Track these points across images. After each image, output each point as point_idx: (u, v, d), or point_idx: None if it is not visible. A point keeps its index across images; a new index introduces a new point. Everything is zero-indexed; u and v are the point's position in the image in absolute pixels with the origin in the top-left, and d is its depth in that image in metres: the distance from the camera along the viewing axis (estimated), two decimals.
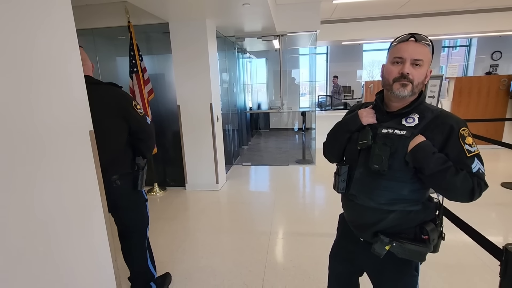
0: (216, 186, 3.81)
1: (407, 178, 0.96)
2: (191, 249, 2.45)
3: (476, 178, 0.90)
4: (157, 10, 2.99)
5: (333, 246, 1.30)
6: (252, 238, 2.59)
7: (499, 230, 2.66)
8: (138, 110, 1.60)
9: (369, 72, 9.90)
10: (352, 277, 1.27)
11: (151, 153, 1.73)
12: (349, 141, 1.09)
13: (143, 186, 1.69)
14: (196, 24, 3.37)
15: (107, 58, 3.83)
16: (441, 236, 1.02)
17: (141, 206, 1.73)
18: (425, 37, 0.96)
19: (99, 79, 3.78)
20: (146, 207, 1.75)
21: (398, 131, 0.96)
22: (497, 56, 8.65)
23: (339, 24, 6.27)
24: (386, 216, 1.00)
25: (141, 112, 1.61)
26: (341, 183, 1.09)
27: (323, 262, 1.38)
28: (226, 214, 3.09)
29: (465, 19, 6.00)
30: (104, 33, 3.74)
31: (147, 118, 1.65)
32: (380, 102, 1.05)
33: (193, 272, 2.14)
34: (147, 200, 1.77)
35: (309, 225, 2.79)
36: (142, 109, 1.63)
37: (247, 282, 2.00)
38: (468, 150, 0.91)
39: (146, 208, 1.75)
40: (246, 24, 3.93)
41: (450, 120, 0.94)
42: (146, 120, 1.64)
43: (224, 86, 4.81)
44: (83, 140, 1.22)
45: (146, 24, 3.53)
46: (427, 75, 0.97)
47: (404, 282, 1.06)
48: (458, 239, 2.26)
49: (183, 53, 3.47)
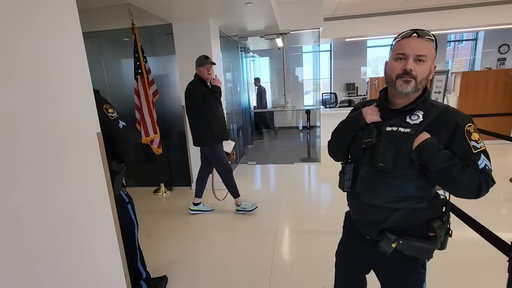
0: (222, 185, 3.82)
1: (413, 175, 0.96)
2: (198, 248, 2.47)
3: (483, 175, 0.90)
4: (160, 11, 3.01)
5: (340, 244, 1.30)
6: (259, 236, 2.60)
7: (508, 226, 2.62)
8: (109, 113, 1.57)
9: (373, 68, 9.81)
10: (359, 274, 1.27)
11: (129, 158, 1.66)
12: (354, 139, 1.09)
13: (119, 190, 1.65)
14: (199, 25, 3.39)
15: (112, 61, 3.87)
16: (448, 233, 1.02)
17: (121, 209, 1.70)
18: (428, 33, 0.95)
19: (105, 82, 3.85)
20: (128, 209, 1.74)
21: (402, 129, 0.96)
22: (504, 49, 8.49)
23: (342, 21, 6.22)
24: (392, 214, 1.00)
25: (112, 116, 1.58)
26: (347, 182, 1.09)
27: (329, 260, 1.39)
28: (232, 213, 3.11)
29: (471, 12, 5.90)
30: (109, 35, 3.78)
31: (120, 122, 1.61)
32: (384, 99, 1.05)
33: (201, 270, 2.16)
34: (129, 202, 1.75)
35: (315, 223, 2.79)
36: (114, 113, 1.59)
37: (254, 280, 2.02)
38: (474, 147, 0.90)
39: (128, 210, 1.74)
40: (249, 23, 3.93)
41: (456, 116, 0.93)
42: (117, 124, 1.60)
43: (228, 86, 4.82)
44: (91, 142, 1.24)
45: (150, 25, 3.56)
46: (431, 70, 0.96)
47: (411, 279, 1.06)
48: (466, 236, 2.24)
49: (187, 53, 3.48)
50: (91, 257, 1.21)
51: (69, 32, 1.13)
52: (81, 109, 1.18)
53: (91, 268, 1.21)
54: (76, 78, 1.16)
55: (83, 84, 1.21)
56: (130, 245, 1.76)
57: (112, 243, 1.36)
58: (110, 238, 1.35)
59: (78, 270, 1.13)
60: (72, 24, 1.15)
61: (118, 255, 1.40)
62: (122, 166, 1.65)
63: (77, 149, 1.15)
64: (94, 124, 1.26)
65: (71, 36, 1.14)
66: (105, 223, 1.31)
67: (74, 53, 1.15)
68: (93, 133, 1.25)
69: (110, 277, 1.34)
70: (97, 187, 1.27)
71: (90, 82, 1.25)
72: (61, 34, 1.09)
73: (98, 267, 1.25)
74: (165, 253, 2.42)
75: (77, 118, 1.15)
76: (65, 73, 1.10)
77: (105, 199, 1.31)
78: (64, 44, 1.09)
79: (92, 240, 1.22)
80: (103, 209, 1.30)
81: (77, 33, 1.17)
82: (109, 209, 1.33)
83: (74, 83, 1.15)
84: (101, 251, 1.28)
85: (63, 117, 1.07)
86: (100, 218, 1.28)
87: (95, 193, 1.25)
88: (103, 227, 1.30)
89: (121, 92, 3.89)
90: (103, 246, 1.30)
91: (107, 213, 1.32)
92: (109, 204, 1.33)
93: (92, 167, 1.24)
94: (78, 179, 1.14)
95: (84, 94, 1.20)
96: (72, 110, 1.12)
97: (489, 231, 1.30)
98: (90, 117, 1.24)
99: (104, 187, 1.31)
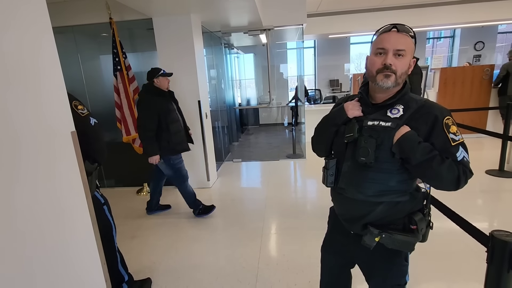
0: (207, 183, 3.78)
1: (394, 169, 0.97)
2: (183, 248, 2.43)
3: (462, 166, 0.92)
4: (139, 5, 2.91)
5: (325, 239, 1.30)
6: (245, 234, 2.59)
7: (485, 217, 2.73)
8: (79, 110, 1.51)
9: (356, 65, 9.96)
10: (344, 269, 1.28)
11: (102, 157, 1.60)
12: (336, 134, 1.09)
13: (93, 191, 1.58)
14: (181, 19, 3.30)
15: (90, 57, 3.72)
16: (429, 225, 1.04)
17: (97, 211, 1.67)
18: (407, 28, 0.96)
19: (82, 78, 3.70)
20: (104, 211, 1.69)
21: (383, 123, 0.97)
22: (479, 46, 8.83)
23: (326, 17, 6.28)
24: (374, 208, 1.01)
25: (82, 113, 1.51)
26: (330, 177, 1.08)
27: (315, 255, 1.39)
28: (218, 211, 3.08)
29: (448, 10, 6.09)
30: (86, 30, 3.62)
31: (91, 119, 1.55)
32: (365, 94, 1.05)
33: (186, 271, 2.13)
34: (104, 203, 1.69)
35: (301, 219, 2.80)
36: (84, 110, 1.53)
37: (241, 279, 2.00)
38: (452, 139, 0.92)
39: (105, 212, 1.69)
40: (232, 18, 3.87)
41: (434, 109, 0.94)
42: (88, 121, 1.54)
43: (212, 83, 4.76)
44: (64, 141, 1.18)
45: (129, 20, 3.44)
46: (410, 65, 0.97)
47: (394, 271, 1.08)
48: (446, 227, 2.30)
49: (169, 49, 3.40)
50: (70, 262, 1.16)
51: (36, 25, 1.06)
52: (52, 108, 1.11)
53: (71, 273, 1.15)
54: (46, 74, 1.09)
55: (54, 81, 1.14)
56: (109, 248, 1.70)
57: (91, 246, 1.30)
58: (89, 242, 1.29)
59: (55, 276, 1.08)
60: (39, 17, 1.08)
61: (98, 259, 1.34)
62: (95, 166, 1.58)
63: (49, 150, 1.08)
64: (67, 123, 1.20)
65: (38, 30, 1.07)
66: (82, 226, 1.25)
67: (41, 48, 1.08)
68: (67, 132, 1.19)
69: (90, 282, 1.29)
70: (73, 189, 1.21)
71: (62, 79, 1.18)
72: (27, 27, 1.02)
73: (77, 272, 1.20)
74: (149, 254, 2.37)
75: (48, 117, 1.08)
76: (32, 70, 1.03)
77: (82, 201, 1.26)
78: (29, 38, 1.02)
79: (69, 244, 1.16)
80: (80, 212, 1.24)
81: (45, 27, 1.10)
82: (87, 212, 1.28)
83: (43, 80, 1.08)
84: (80, 256, 1.23)
85: (32, 117, 1.01)
86: (77, 221, 1.22)
87: (71, 195, 1.19)
88: (81, 230, 1.24)
89: (100, 89, 3.75)
90: (81, 250, 1.24)
91: (84, 216, 1.27)
92: (87, 206, 1.28)
93: (67, 168, 1.18)
94: (51, 182, 1.08)
95: (54, 91, 1.14)
96: (41, 109, 1.05)
97: (468, 222, 1.34)
98: (63, 116, 1.17)
99: (81, 188, 1.25)
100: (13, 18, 0.96)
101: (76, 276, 1.20)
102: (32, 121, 1.02)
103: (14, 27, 0.97)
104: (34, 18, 1.06)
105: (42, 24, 1.09)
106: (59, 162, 1.14)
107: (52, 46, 1.13)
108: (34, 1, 1.06)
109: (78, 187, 1.24)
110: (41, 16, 1.09)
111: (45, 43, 1.11)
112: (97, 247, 1.33)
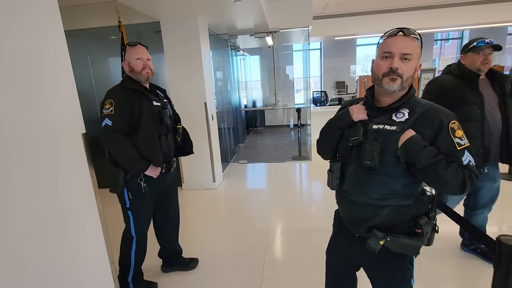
0: (213, 185, 3.81)
1: (399, 173, 0.97)
2: (189, 249, 2.45)
3: (467, 170, 0.91)
4: (147, 9, 2.96)
5: (330, 241, 1.30)
6: (250, 235, 2.60)
7: (494, 221, 2.68)
8: (104, 109, 1.51)
9: (363, 66, 9.89)
10: (349, 272, 1.28)
11: (118, 158, 1.57)
12: (341, 137, 1.09)
13: (117, 190, 1.62)
14: (188, 22, 3.35)
15: (99, 59, 3.79)
16: (435, 229, 1.03)
17: (122, 209, 1.73)
18: (413, 31, 0.96)
19: (91, 80, 3.76)
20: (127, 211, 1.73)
21: (388, 127, 0.97)
22: None
23: (332, 20, 6.26)
24: (379, 211, 1.01)
25: (103, 112, 1.51)
26: (335, 180, 1.09)
27: (321, 258, 1.39)
28: (223, 212, 3.09)
29: (457, 12, 6.02)
30: (95, 33, 3.69)
31: (105, 120, 1.50)
32: (370, 98, 1.06)
33: (192, 272, 2.14)
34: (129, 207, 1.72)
35: (306, 221, 2.80)
36: (108, 109, 1.50)
37: (246, 280, 2.01)
38: (458, 143, 0.92)
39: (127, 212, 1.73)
40: (238, 21, 3.90)
41: (440, 114, 0.95)
42: (101, 121, 1.52)
43: (218, 84, 4.79)
44: (76, 143, 1.21)
45: (137, 23, 3.49)
46: (416, 69, 0.97)
47: (399, 275, 1.07)
48: (452, 231, 2.29)
49: (176, 52, 3.44)
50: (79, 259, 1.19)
51: (50, 29, 1.10)
52: (63, 110, 1.14)
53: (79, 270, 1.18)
54: (58, 77, 1.13)
55: (66, 84, 1.17)
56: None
57: (99, 244, 1.33)
58: (98, 240, 1.32)
59: (65, 273, 1.11)
60: (53, 22, 1.11)
61: (106, 258, 1.37)
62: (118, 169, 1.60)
63: (60, 151, 1.11)
64: (78, 125, 1.23)
65: (52, 34, 1.11)
66: (92, 225, 1.28)
67: (55, 52, 1.12)
68: (78, 134, 1.22)
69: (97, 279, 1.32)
70: (83, 189, 1.24)
71: (74, 82, 1.21)
72: (42, 32, 1.05)
73: (85, 269, 1.23)
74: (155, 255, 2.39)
75: (60, 120, 1.12)
76: (46, 74, 1.06)
77: (92, 201, 1.28)
78: (43, 42, 1.06)
79: (79, 242, 1.19)
80: (90, 211, 1.27)
81: (58, 31, 1.14)
82: (96, 211, 1.31)
83: (57, 83, 1.11)
84: (89, 253, 1.25)
85: (45, 119, 1.04)
86: (88, 220, 1.25)
87: (81, 195, 1.22)
88: (90, 229, 1.27)
89: None
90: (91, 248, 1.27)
91: (93, 215, 1.29)
92: (96, 206, 1.30)
93: (77, 169, 1.21)
94: (62, 182, 1.11)
95: (66, 94, 1.17)
96: (53, 112, 1.09)
97: (475, 226, 1.33)
98: (74, 118, 1.21)
99: (90, 189, 1.28)
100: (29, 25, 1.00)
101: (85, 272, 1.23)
102: (44, 122, 1.05)
103: (29, 33, 1.00)
104: (48, 24, 1.09)
105: (55, 29, 1.13)
106: (69, 163, 1.17)
107: (64, 50, 1.17)
108: (48, 8, 1.09)
109: (89, 188, 1.27)
110: (54, 20, 1.12)
111: (58, 47, 1.14)
112: (105, 245, 1.36)
